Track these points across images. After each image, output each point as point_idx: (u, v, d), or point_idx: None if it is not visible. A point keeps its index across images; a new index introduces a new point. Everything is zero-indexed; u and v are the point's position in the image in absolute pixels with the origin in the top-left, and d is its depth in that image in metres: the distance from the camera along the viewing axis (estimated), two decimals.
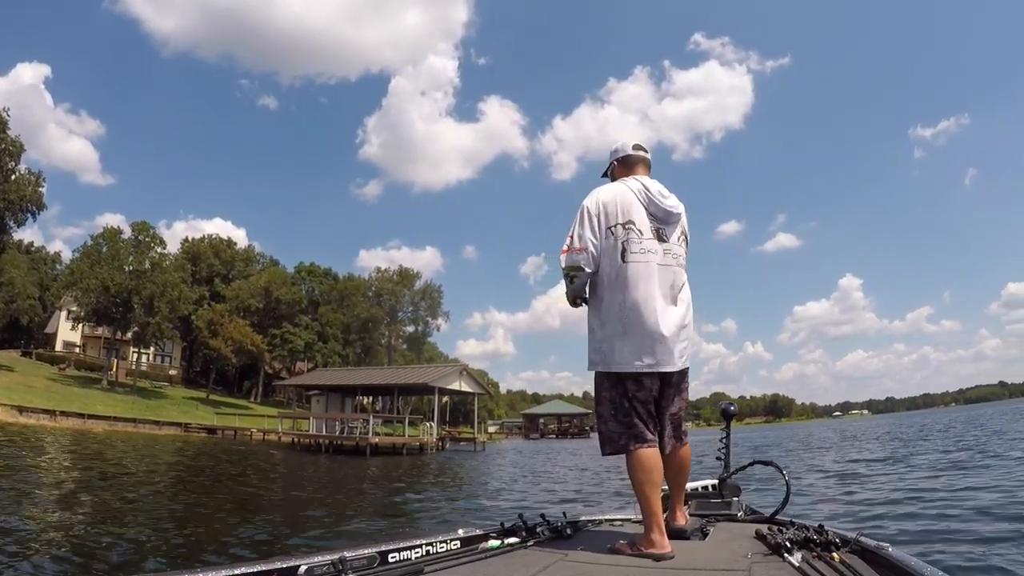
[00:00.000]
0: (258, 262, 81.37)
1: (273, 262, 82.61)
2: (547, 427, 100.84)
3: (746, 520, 3.55)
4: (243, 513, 10.76)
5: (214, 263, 73.35)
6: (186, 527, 9.20)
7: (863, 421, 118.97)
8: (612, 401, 3.00)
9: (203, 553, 7.48)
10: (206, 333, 59.89)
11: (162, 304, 52.19)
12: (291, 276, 78.14)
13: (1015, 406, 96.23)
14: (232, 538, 8.38)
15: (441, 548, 2.81)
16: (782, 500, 3.52)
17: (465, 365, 50.18)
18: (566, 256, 3.05)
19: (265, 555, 6.11)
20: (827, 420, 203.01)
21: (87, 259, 51.33)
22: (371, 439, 34.31)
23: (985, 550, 5.81)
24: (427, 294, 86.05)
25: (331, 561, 2.26)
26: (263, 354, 65.72)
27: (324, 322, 75.60)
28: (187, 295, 56.90)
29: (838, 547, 2.42)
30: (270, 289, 69.72)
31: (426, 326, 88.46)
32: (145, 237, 54.20)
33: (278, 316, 70.92)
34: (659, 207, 3.04)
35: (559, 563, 2.54)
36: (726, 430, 4.11)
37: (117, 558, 6.89)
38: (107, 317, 52.27)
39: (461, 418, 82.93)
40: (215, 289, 70.83)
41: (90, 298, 50.15)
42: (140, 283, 51.05)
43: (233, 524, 9.58)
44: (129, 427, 39.41)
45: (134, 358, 64.16)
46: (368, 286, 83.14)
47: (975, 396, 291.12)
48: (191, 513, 10.62)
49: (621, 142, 3.35)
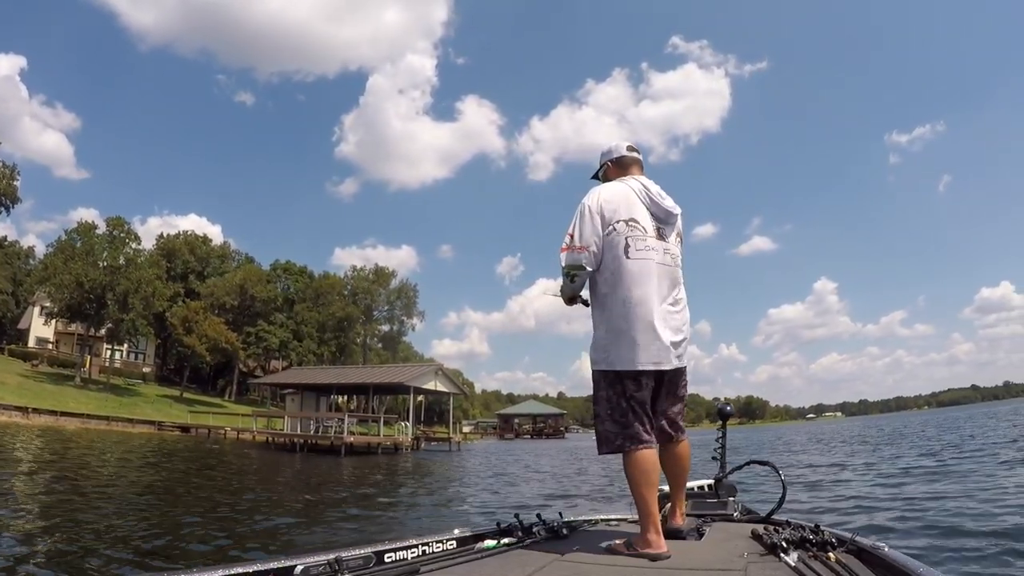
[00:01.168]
0: (233, 259, 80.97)
1: (248, 259, 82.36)
2: (522, 427, 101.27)
3: (742, 520, 3.54)
4: (203, 517, 10.06)
5: (189, 260, 72.89)
6: (134, 533, 8.31)
7: (836, 423, 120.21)
8: (609, 400, 2.97)
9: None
10: (180, 330, 59.41)
11: (136, 300, 51.82)
12: (267, 274, 77.82)
13: (986, 409, 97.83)
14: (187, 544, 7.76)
15: (437, 548, 2.82)
16: (778, 500, 3.48)
17: (440, 365, 50.26)
18: (567, 255, 3.03)
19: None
20: (801, 422, 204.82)
21: (61, 254, 51.02)
22: (346, 438, 34.32)
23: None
24: (403, 293, 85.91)
25: (327, 561, 2.25)
26: (238, 352, 65.61)
27: (299, 320, 75.46)
28: (162, 292, 56.50)
29: (834, 547, 2.42)
30: (245, 286, 69.46)
31: (401, 325, 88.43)
32: (120, 232, 53.87)
33: (253, 314, 70.76)
34: (659, 207, 3.06)
35: (555, 563, 2.54)
36: (722, 430, 4.11)
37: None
38: (81, 313, 51.94)
39: (435, 418, 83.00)
40: (190, 286, 70.46)
41: (64, 294, 49.71)
42: (114, 279, 50.76)
43: (192, 529, 8.88)
44: (102, 425, 39.36)
45: (107, 355, 63.58)
46: (344, 284, 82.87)
47: (948, 399, 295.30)
48: (140, 516, 9.80)
49: (614, 143, 3.36)
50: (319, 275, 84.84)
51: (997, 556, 6.01)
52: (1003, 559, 5.88)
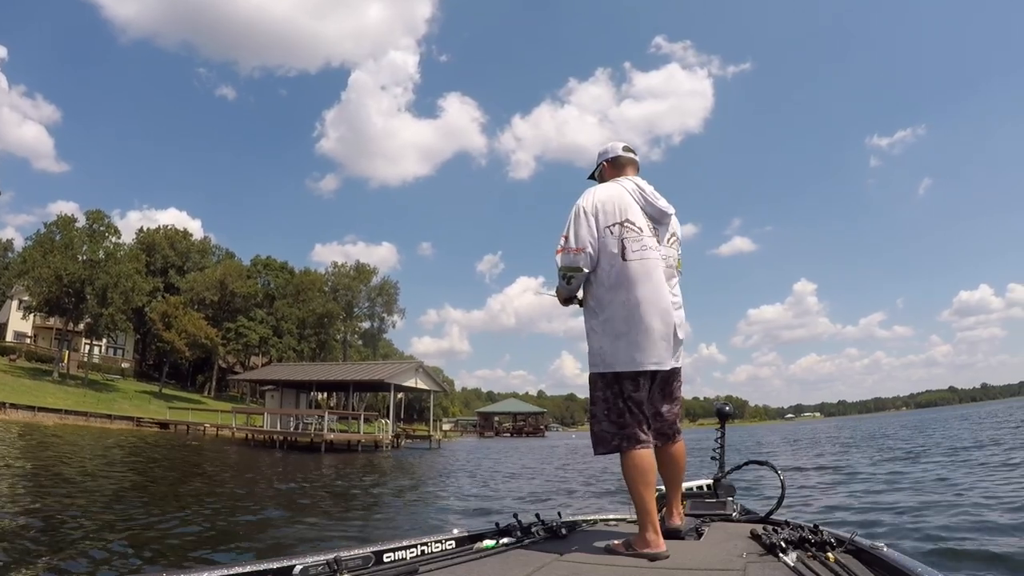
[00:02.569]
0: (214, 254, 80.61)
1: (229, 254, 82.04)
2: (502, 426, 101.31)
3: (741, 520, 3.56)
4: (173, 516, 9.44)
5: (169, 254, 72.62)
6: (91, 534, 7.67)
7: (813, 424, 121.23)
8: (606, 401, 2.98)
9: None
10: (160, 325, 59.14)
11: (116, 295, 51.62)
12: (247, 269, 77.63)
13: (963, 411, 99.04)
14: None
15: (436, 548, 2.83)
16: (777, 500, 3.49)
17: (421, 362, 50.34)
18: (562, 256, 3.04)
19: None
20: (780, 422, 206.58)
21: (40, 247, 50.72)
22: (326, 436, 34.29)
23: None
24: (384, 290, 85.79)
25: (326, 561, 2.25)
26: (217, 348, 65.38)
27: (280, 316, 75.36)
28: (141, 286, 56.16)
29: (833, 547, 2.43)
30: (225, 282, 69.23)
31: (382, 322, 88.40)
32: (99, 226, 53.64)
33: (233, 309, 70.59)
34: (654, 207, 3.07)
35: (554, 563, 2.55)
36: (721, 430, 4.12)
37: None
38: (59, 307, 51.71)
39: (415, 415, 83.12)
40: (170, 281, 70.14)
41: (42, 287, 49.47)
42: (94, 273, 50.59)
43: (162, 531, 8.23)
44: (80, 420, 39.27)
45: (86, 350, 63.11)
46: (325, 281, 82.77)
47: (925, 401, 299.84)
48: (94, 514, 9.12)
49: (610, 144, 3.38)
50: (300, 271, 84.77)
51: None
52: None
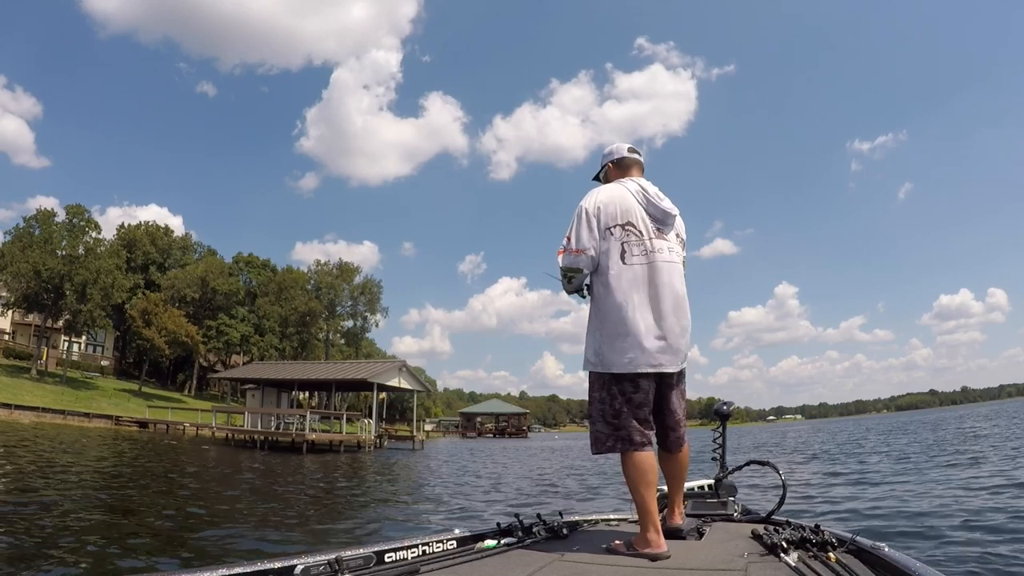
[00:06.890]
0: (195, 251, 79.92)
1: (210, 251, 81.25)
2: (484, 426, 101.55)
3: (742, 520, 3.56)
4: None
5: (150, 251, 72.01)
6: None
7: (793, 426, 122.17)
8: (603, 402, 2.98)
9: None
10: (140, 323, 58.40)
11: (95, 291, 51.07)
12: (228, 267, 76.88)
13: (943, 414, 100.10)
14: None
15: (437, 548, 2.82)
16: (779, 500, 3.50)
17: (404, 361, 50.08)
18: (563, 257, 3.06)
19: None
20: (761, 424, 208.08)
21: (18, 242, 49.95)
22: (308, 436, 33.90)
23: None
24: (366, 289, 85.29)
25: (327, 561, 2.26)
26: (198, 346, 64.71)
27: (261, 314, 74.81)
28: (121, 283, 55.66)
29: (834, 547, 2.43)
30: (207, 279, 68.54)
31: (364, 321, 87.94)
32: (79, 221, 53.07)
33: (214, 307, 70.02)
34: (657, 208, 3.06)
35: (555, 563, 2.56)
36: (721, 430, 4.13)
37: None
38: (38, 303, 51.11)
39: (397, 415, 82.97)
40: (150, 277, 69.64)
41: (20, 283, 48.93)
42: (73, 269, 50.02)
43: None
44: (58, 419, 38.74)
45: (65, 347, 62.42)
46: (307, 279, 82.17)
47: (906, 403, 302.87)
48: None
49: (615, 145, 3.38)
50: (282, 269, 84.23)
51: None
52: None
